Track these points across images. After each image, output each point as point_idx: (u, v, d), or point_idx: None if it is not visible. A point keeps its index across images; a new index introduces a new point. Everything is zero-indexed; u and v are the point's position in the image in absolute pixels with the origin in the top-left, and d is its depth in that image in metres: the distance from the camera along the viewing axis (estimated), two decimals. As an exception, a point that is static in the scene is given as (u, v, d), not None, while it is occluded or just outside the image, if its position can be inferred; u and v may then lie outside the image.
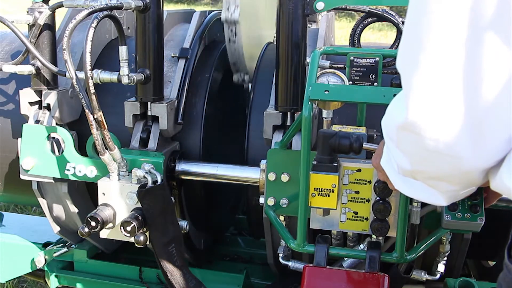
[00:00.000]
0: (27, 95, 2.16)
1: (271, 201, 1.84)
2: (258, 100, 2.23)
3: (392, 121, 0.98)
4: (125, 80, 1.91)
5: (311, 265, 1.67)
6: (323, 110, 1.74)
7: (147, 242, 1.88)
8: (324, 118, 1.75)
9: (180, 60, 2.25)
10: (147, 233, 1.87)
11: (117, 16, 1.88)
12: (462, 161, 0.88)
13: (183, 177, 2.12)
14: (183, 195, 2.24)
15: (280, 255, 1.95)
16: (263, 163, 1.88)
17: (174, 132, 2.15)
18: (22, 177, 2.13)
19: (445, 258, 1.92)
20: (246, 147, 2.20)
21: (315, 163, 1.58)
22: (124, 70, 1.90)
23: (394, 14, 2.01)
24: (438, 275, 1.92)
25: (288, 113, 1.95)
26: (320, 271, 1.66)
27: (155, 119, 2.07)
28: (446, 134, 0.85)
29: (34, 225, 2.85)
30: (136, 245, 1.86)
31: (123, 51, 1.89)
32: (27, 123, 2.15)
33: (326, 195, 1.58)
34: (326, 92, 1.57)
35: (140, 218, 1.83)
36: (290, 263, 1.92)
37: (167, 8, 2.35)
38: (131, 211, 1.88)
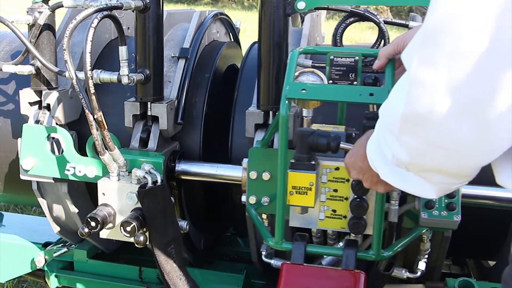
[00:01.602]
0: (27, 95, 2.16)
1: (252, 199, 1.85)
2: (242, 99, 2.24)
3: (394, 111, 0.97)
4: (125, 80, 1.91)
5: (289, 262, 1.69)
6: (303, 109, 1.75)
7: (147, 242, 1.88)
8: (304, 117, 1.77)
9: (180, 60, 2.25)
10: (147, 233, 1.87)
11: (117, 16, 1.88)
12: (463, 156, 0.89)
13: (183, 177, 2.12)
14: (183, 195, 2.24)
15: (263, 253, 1.97)
16: (245, 161, 1.89)
17: (174, 132, 2.15)
18: (22, 177, 2.13)
19: (426, 256, 1.94)
20: (230, 146, 2.21)
21: (293, 161, 1.60)
22: (124, 70, 1.90)
23: (375, 13, 2.02)
24: (419, 273, 1.94)
25: (270, 112, 1.96)
26: (298, 268, 1.67)
27: (155, 119, 2.07)
28: (450, 128, 0.85)
29: (34, 225, 2.85)
30: (136, 245, 1.86)
31: (123, 51, 1.89)
32: (27, 123, 2.15)
33: (304, 193, 1.59)
34: (303, 91, 1.58)
35: (140, 218, 1.83)
36: (272, 261, 1.93)
37: (167, 8, 2.35)
38: (131, 211, 1.88)
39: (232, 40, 2.89)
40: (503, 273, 1.14)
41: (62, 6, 2.03)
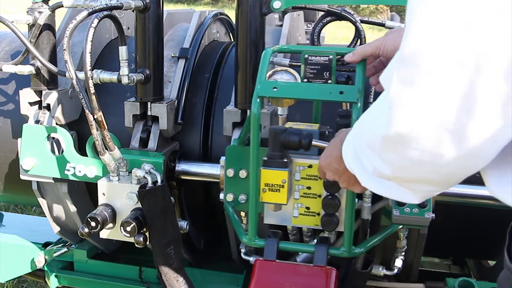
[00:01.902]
0: (27, 95, 2.16)
1: (230, 197, 1.87)
2: (222, 98, 2.24)
3: (374, 132, 0.98)
4: (125, 80, 1.91)
5: (262, 258, 1.71)
6: (278, 108, 1.77)
7: (147, 242, 1.88)
8: (279, 115, 1.79)
9: (180, 60, 2.25)
10: (147, 233, 1.87)
11: (117, 16, 1.88)
12: (447, 169, 0.89)
13: (183, 177, 2.12)
14: (183, 195, 2.24)
15: (242, 250, 1.98)
16: (222, 159, 1.91)
17: (174, 132, 2.15)
18: (22, 177, 2.13)
19: (403, 253, 1.96)
20: (210, 144, 2.23)
21: (266, 159, 1.61)
22: (124, 70, 1.90)
23: (352, 12, 2.03)
24: (396, 270, 1.96)
25: (248, 111, 1.97)
26: (270, 264, 1.70)
27: (155, 119, 2.07)
28: (432, 145, 0.86)
29: (34, 225, 2.85)
30: (136, 245, 1.86)
31: (123, 51, 1.89)
32: (27, 123, 2.15)
33: (276, 190, 1.61)
34: (275, 89, 1.61)
35: (140, 218, 1.83)
36: (251, 258, 1.95)
37: (167, 8, 2.35)
38: (131, 211, 1.88)
39: (232, 40, 2.89)
40: (499, 276, 1.15)
41: (62, 6, 2.03)
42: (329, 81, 1.68)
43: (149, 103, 2.06)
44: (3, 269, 2.57)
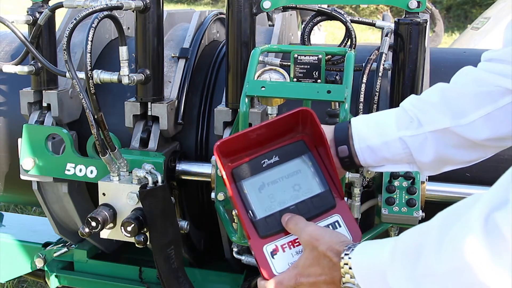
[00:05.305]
0: (27, 95, 2.16)
1: (221, 196, 1.86)
2: (218, 98, 2.24)
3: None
4: (125, 81, 1.91)
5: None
6: (267, 107, 1.78)
7: (148, 243, 1.88)
8: (269, 115, 1.79)
9: (180, 60, 2.25)
10: (147, 234, 1.87)
11: (117, 16, 1.88)
12: None
13: (183, 177, 2.12)
14: (183, 195, 2.24)
15: (234, 249, 1.99)
16: (213, 159, 1.91)
17: (175, 132, 2.15)
18: (22, 177, 2.13)
19: None
20: (209, 144, 2.24)
21: None
22: (124, 70, 1.90)
23: (342, 12, 2.03)
24: None
25: (238, 110, 1.98)
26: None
27: (155, 119, 2.07)
28: None
29: (34, 225, 2.86)
30: (136, 245, 1.86)
31: (123, 51, 1.89)
32: (27, 123, 2.15)
33: None
34: (263, 89, 1.61)
35: (140, 218, 1.83)
36: (243, 257, 1.96)
37: (167, 8, 2.35)
38: (132, 211, 1.88)
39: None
40: None
41: (62, 6, 2.03)
42: (319, 81, 1.68)
43: (149, 103, 2.06)
44: (3, 269, 2.57)
